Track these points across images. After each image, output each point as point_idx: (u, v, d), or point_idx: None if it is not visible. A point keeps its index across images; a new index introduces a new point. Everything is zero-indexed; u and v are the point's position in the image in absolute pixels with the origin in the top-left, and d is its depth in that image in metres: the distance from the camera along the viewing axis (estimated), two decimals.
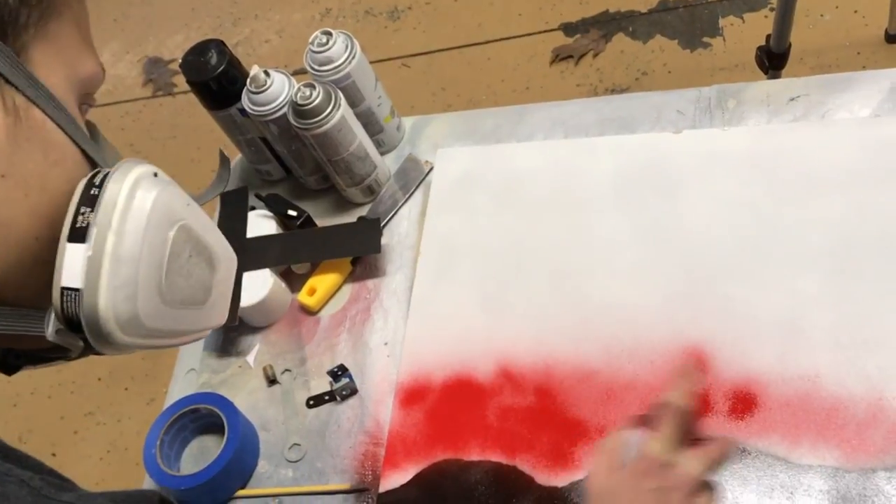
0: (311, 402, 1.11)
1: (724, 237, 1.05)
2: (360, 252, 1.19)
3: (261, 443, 1.11)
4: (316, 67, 1.17)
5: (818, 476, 0.88)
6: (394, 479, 1.02)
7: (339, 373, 1.10)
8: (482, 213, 1.18)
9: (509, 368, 1.05)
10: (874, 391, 0.90)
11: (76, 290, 0.51)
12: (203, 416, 1.09)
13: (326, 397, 1.11)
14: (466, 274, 1.14)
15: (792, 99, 1.11)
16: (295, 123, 1.13)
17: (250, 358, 1.18)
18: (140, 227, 0.53)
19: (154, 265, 0.55)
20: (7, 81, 0.51)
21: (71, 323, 0.53)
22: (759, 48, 1.89)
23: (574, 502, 0.94)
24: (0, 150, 0.50)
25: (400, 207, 1.23)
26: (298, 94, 1.11)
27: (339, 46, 1.16)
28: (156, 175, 0.56)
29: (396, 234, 1.21)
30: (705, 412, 0.94)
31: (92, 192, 0.53)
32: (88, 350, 0.57)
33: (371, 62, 1.22)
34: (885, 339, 0.93)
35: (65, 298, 0.52)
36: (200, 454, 1.10)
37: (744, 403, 0.94)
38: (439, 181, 1.23)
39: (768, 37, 1.84)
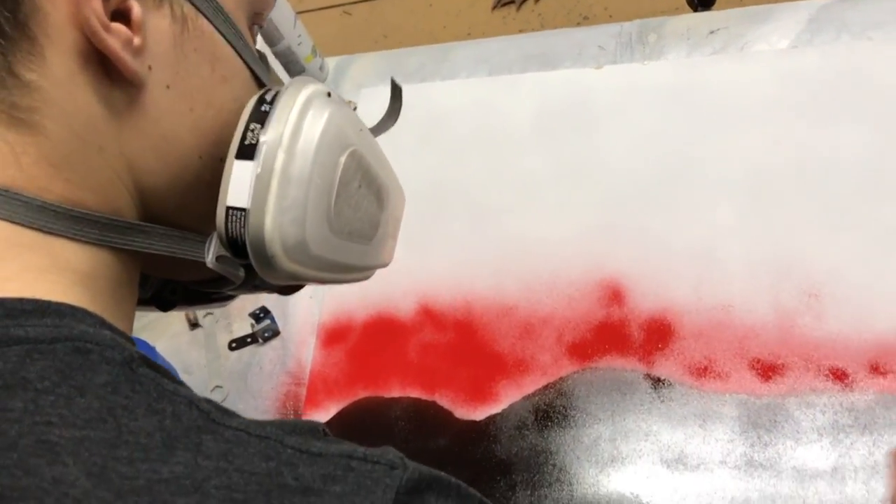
0: (234, 345, 1.10)
1: (643, 171, 1.05)
2: None
3: None
4: None
5: (730, 404, 0.89)
6: (315, 418, 1.01)
7: (262, 315, 1.10)
8: (405, 153, 1.17)
9: (430, 306, 1.05)
10: (787, 319, 0.91)
11: (242, 209, 0.48)
12: None
13: (248, 339, 1.10)
14: None
15: (712, 32, 1.11)
16: None
17: None
18: (311, 146, 0.49)
19: (324, 190, 0.50)
20: None
21: (235, 245, 0.49)
22: None
23: (491, 435, 0.94)
24: (166, 58, 0.47)
25: None
26: None
27: None
28: (329, 95, 0.52)
29: None
30: (622, 343, 0.95)
31: (263, 108, 0.49)
32: (248, 283, 0.54)
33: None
34: (799, 267, 0.94)
35: (230, 218, 0.48)
36: None
37: (659, 334, 0.94)
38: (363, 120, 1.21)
39: None
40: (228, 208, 0.48)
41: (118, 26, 0.44)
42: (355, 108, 1.23)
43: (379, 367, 1.03)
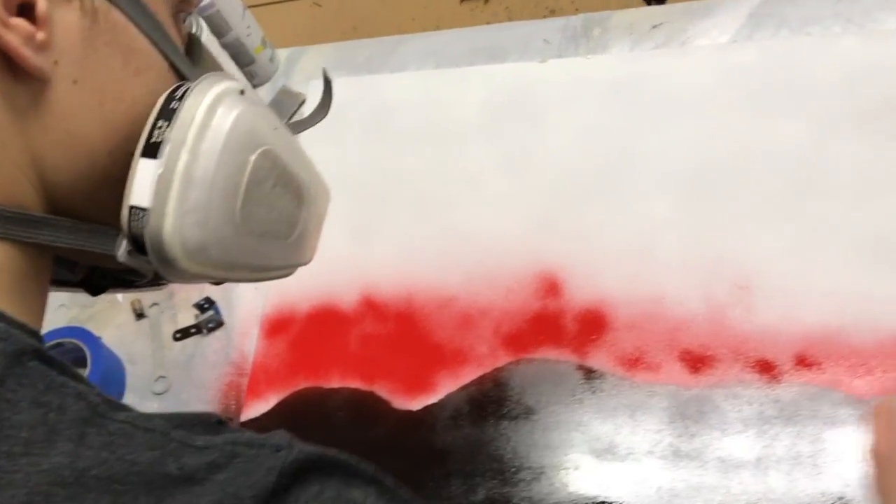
0: (178, 335, 1.11)
1: (585, 164, 1.06)
2: None
3: (127, 376, 1.10)
4: None
5: (659, 395, 0.90)
6: (256, 408, 1.02)
7: (206, 305, 1.10)
8: (353, 145, 1.18)
9: (373, 297, 1.06)
10: (717, 311, 0.93)
11: (144, 209, 0.47)
12: (68, 350, 1.08)
13: (193, 330, 1.10)
14: (334, 205, 1.13)
15: (654, 26, 1.12)
16: None
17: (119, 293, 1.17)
18: (217, 146, 0.48)
19: (230, 191, 0.49)
20: None
21: (137, 244, 0.48)
22: None
23: (427, 425, 0.95)
24: (74, 53, 0.46)
25: None
26: None
27: None
28: (242, 93, 0.51)
29: None
30: (557, 335, 0.96)
31: (172, 105, 0.48)
32: (160, 277, 0.53)
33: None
34: (731, 260, 0.95)
35: (132, 217, 0.47)
36: None
37: (593, 325, 0.95)
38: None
39: None
40: (131, 207, 0.47)
41: (19, 21, 0.44)
42: (303, 102, 1.23)
43: (320, 358, 1.03)
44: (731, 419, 0.87)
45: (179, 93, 0.49)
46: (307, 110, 0.70)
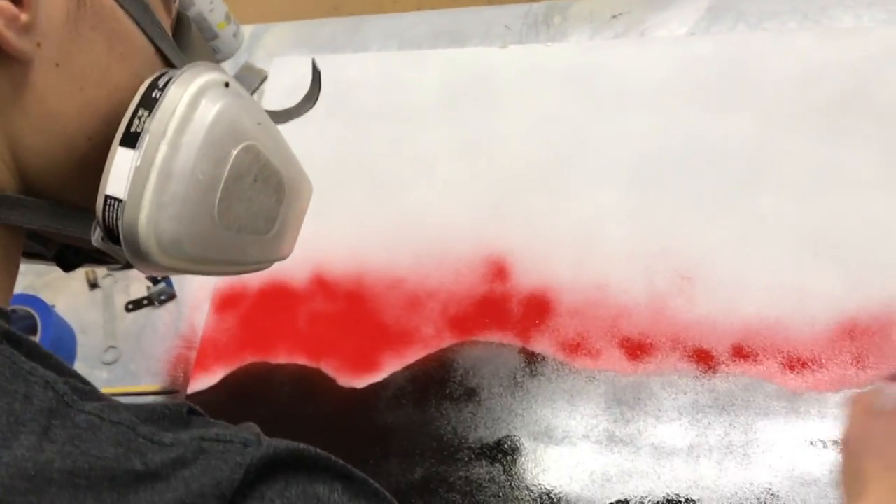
0: (130, 306, 1.11)
1: (539, 151, 1.07)
2: None
3: (79, 345, 1.11)
4: None
5: (598, 380, 0.91)
6: (203, 382, 1.03)
7: (159, 278, 1.11)
8: (312, 124, 1.17)
9: (324, 276, 1.06)
10: (659, 301, 0.94)
11: (119, 200, 0.46)
12: (20, 318, 1.09)
13: (145, 302, 1.11)
14: None
15: (614, 16, 1.13)
16: None
17: None
18: (197, 140, 0.47)
19: (209, 185, 0.48)
20: None
21: (111, 234, 0.47)
22: None
23: (370, 403, 0.96)
24: (57, 35, 0.45)
25: None
26: None
27: None
28: (227, 85, 0.49)
29: None
30: (502, 318, 0.97)
31: (154, 94, 0.47)
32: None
33: None
34: (675, 251, 0.96)
35: (107, 207, 0.46)
36: None
37: (537, 310, 0.97)
38: (273, 91, 1.23)
39: None
40: (107, 197, 0.46)
41: (2, 3, 0.43)
42: (266, 78, 1.23)
43: (268, 334, 1.04)
44: (666, 407, 0.88)
45: (162, 81, 0.47)
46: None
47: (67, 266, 0.58)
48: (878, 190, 0.94)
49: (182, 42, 0.55)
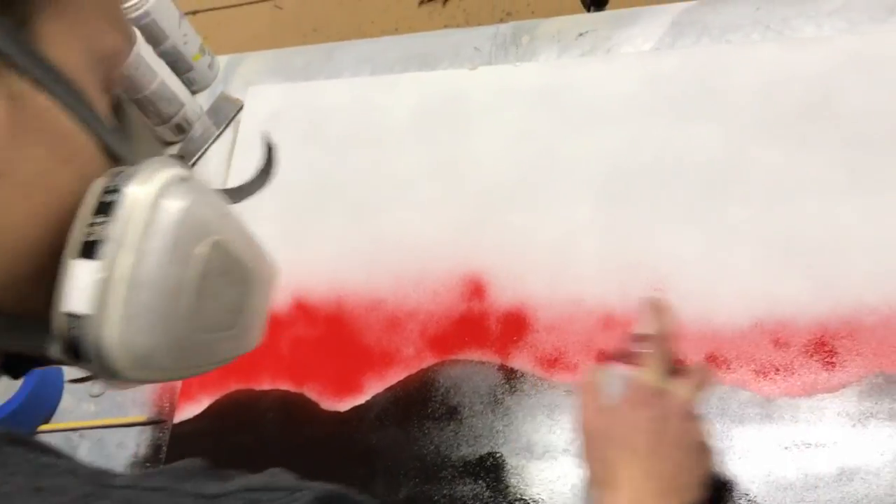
0: None
1: (511, 170, 1.09)
2: None
3: (65, 379, 1.12)
4: None
5: (575, 394, 0.92)
6: (188, 410, 1.04)
7: None
8: (288, 151, 1.20)
9: (304, 301, 1.08)
10: (632, 313, 0.95)
11: (82, 316, 0.42)
12: None
13: None
14: (269, 211, 1.16)
15: (581, 34, 1.15)
16: None
17: None
18: (165, 245, 0.44)
19: (179, 290, 0.45)
20: (7, 62, 0.41)
21: (75, 352, 0.43)
22: None
23: (354, 425, 0.97)
24: None
25: (210, 146, 1.24)
26: None
27: None
28: (187, 179, 0.46)
29: (206, 172, 1.22)
30: (481, 336, 0.98)
31: (108, 197, 0.43)
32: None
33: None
34: (647, 263, 0.97)
35: (70, 325, 0.43)
36: (5, 390, 1.11)
37: (515, 327, 0.98)
38: (249, 119, 1.24)
39: None
40: (67, 314, 0.43)
41: None
42: (241, 109, 1.25)
43: (252, 361, 1.05)
44: None
45: (115, 182, 0.44)
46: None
47: (17, 373, 0.53)
48: (843, 195, 0.95)
49: (125, 130, 0.52)
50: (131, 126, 0.52)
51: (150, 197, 0.44)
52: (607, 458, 0.72)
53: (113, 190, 0.44)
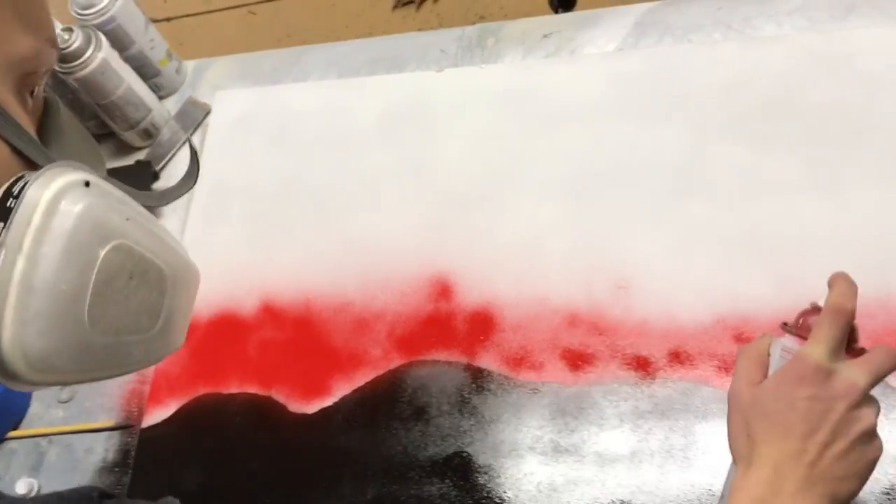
0: None
1: (477, 170, 1.09)
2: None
3: None
4: (79, 11, 1.16)
5: (541, 392, 0.93)
6: (157, 415, 1.04)
7: None
8: (256, 155, 1.20)
9: (271, 304, 1.08)
10: (597, 311, 0.96)
11: None
12: None
13: None
14: (237, 215, 1.16)
15: (545, 36, 1.15)
16: (57, 68, 1.12)
17: None
18: (59, 250, 0.44)
19: (75, 294, 0.46)
20: None
21: None
22: None
23: (321, 427, 0.97)
24: None
25: (177, 150, 1.24)
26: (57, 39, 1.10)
27: None
28: (87, 184, 0.46)
29: (174, 177, 1.22)
30: (448, 336, 0.99)
31: (8, 203, 0.44)
32: None
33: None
34: (611, 261, 0.98)
35: None
36: None
37: (481, 326, 0.98)
38: (217, 124, 1.24)
39: None
40: None
41: None
42: (208, 113, 1.25)
43: (220, 365, 1.05)
44: (608, 414, 0.90)
45: (17, 188, 0.45)
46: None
47: None
48: (805, 192, 0.96)
49: (51, 131, 0.52)
50: (59, 126, 0.53)
51: (45, 201, 0.44)
52: (754, 433, 0.67)
53: (14, 195, 0.44)
